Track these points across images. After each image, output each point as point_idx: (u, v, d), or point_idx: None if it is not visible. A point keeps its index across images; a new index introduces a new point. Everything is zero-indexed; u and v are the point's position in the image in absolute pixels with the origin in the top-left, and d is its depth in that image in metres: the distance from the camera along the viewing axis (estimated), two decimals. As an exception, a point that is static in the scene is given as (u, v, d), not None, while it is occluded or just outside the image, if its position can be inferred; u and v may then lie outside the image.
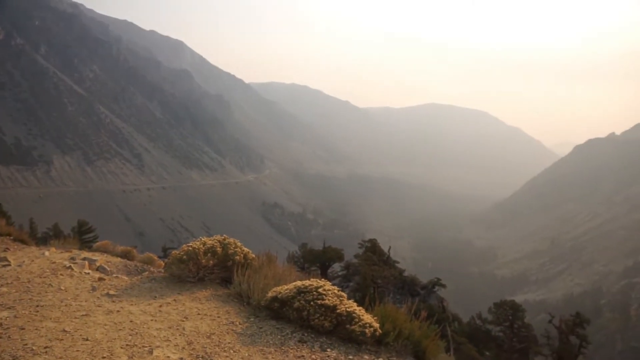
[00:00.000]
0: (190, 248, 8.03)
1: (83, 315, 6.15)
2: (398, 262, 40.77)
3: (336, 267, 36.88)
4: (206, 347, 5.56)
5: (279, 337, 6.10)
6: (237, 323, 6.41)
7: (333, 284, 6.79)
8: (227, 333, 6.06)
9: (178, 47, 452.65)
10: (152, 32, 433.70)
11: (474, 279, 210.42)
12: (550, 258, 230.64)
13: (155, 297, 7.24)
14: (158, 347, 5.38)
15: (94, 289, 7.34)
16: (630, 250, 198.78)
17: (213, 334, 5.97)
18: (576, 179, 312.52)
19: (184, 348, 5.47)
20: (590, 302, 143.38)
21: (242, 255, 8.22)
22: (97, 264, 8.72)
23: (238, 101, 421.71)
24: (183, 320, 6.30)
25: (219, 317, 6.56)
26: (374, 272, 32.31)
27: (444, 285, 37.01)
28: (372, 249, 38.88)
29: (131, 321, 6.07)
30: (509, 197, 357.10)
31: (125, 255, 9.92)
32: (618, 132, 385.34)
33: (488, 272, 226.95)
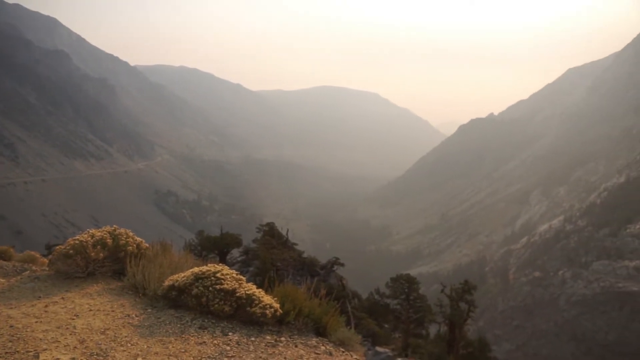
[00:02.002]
0: (77, 242, 7.54)
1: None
2: (297, 244, 41.26)
3: (235, 252, 36.50)
4: (101, 344, 5.29)
5: (178, 325, 5.97)
6: (134, 315, 6.18)
7: (232, 270, 6.76)
8: (124, 327, 5.82)
9: (51, 24, 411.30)
10: (17, 6, 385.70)
11: (371, 256, 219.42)
12: (440, 232, 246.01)
13: (40, 297, 6.71)
14: (45, 350, 5.02)
15: (-41, 296, 6.64)
16: (508, 220, 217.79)
17: (108, 329, 5.70)
18: (461, 157, 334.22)
19: (75, 348, 5.16)
20: (477, 270, 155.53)
21: (134, 245, 7.88)
22: (-37, 268, 7.90)
23: (124, 85, 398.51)
24: (73, 319, 5.93)
25: (113, 311, 6.27)
26: (273, 256, 32.46)
27: (342, 264, 37.99)
28: (270, 233, 38.98)
29: (11, 326, 5.57)
30: (401, 176, 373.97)
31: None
32: (496, 112, 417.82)
33: (384, 248, 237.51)
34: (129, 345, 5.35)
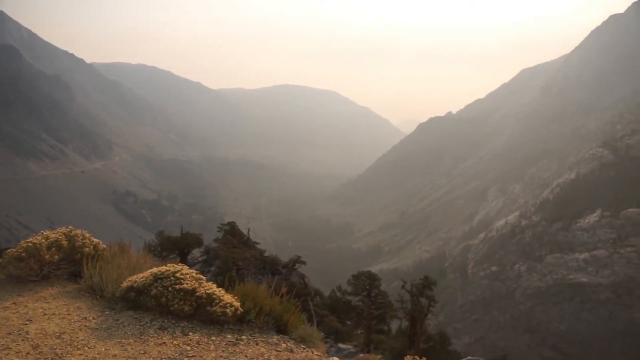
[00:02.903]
0: (29, 244, 7.32)
1: None
2: (258, 243, 41.15)
3: (196, 252, 36.08)
4: (56, 349, 5.18)
5: (137, 327, 5.89)
6: (91, 318, 6.06)
7: (193, 270, 6.71)
8: (80, 330, 5.71)
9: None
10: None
11: (333, 254, 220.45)
12: (400, 229, 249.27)
13: (-11, 302, 6.50)
14: (-5, 357, 4.89)
15: None
16: (466, 217, 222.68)
17: (63, 333, 5.58)
18: (421, 155, 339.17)
19: (28, 354, 5.03)
20: (436, 265, 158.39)
21: (91, 246, 7.72)
22: None
23: (79, 82, 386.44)
24: (26, 324, 5.77)
25: (69, 314, 6.13)
26: (234, 255, 32.27)
27: (304, 263, 38.08)
28: (232, 232, 38.72)
29: (-42, 334, 5.37)
30: (362, 174, 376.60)
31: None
32: (454, 111, 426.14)
33: (346, 246, 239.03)
34: (86, 348, 5.25)
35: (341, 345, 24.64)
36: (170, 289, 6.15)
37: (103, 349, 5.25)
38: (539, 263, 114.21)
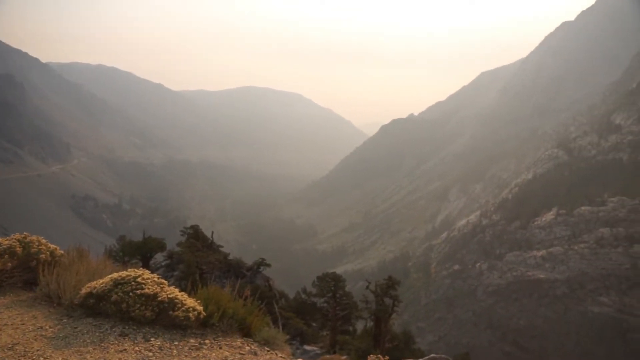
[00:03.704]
0: (-19, 251, 7.05)
1: None
2: (222, 246, 40.70)
3: (159, 257, 35.44)
4: (9, 360, 5.00)
5: (97, 334, 5.75)
6: (47, 327, 5.87)
7: (155, 274, 6.60)
8: (35, 340, 5.52)
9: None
10: None
11: (298, 255, 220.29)
12: (364, 230, 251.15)
13: None
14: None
15: None
16: (429, 217, 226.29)
17: (17, 344, 5.38)
18: (383, 156, 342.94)
19: (-23, 368, 4.85)
20: (400, 265, 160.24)
21: (48, 253, 7.48)
22: None
23: (35, 83, 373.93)
24: (-25, 336, 5.54)
25: (23, 324, 5.91)
26: (198, 259, 31.85)
27: (269, 265, 37.92)
28: (195, 235, 38.20)
29: None
30: (325, 175, 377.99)
31: None
32: (416, 113, 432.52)
33: (310, 248, 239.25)
34: (42, 359, 5.09)
35: (307, 347, 24.68)
36: (131, 294, 6.03)
37: (60, 359, 5.11)
38: (499, 261, 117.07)
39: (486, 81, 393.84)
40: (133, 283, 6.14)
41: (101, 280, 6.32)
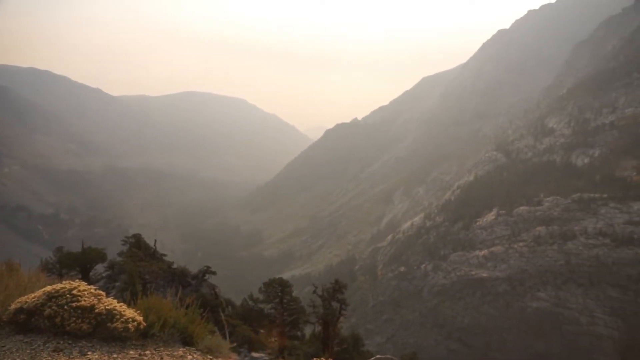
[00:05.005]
0: None
1: None
2: (166, 255, 39.76)
3: (100, 268, 34.17)
4: None
5: (28, 351, 5.44)
6: (-28, 347, 5.50)
7: (97, 286, 6.35)
8: (-41, 361, 5.16)
9: None
10: None
11: (244, 262, 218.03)
12: (311, 234, 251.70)
13: None
14: None
15: None
16: (374, 220, 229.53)
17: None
18: (328, 160, 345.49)
19: None
20: (347, 269, 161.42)
21: (-27, 267, 7.06)
22: None
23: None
24: None
25: (-54, 345, 5.51)
26: (141, 269, 30.94)
27: (214, 273, 37.32)
28: (137, 245, 37.14)
29: None
30: (270, 180, 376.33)
31: None
32: (360, 117, 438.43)
33: (257, 254, 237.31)
34: (-34, 380, 4.77)
35: (254, 354, 24.42)
36: (66, 307, 5.76)
37: (-13, 379, 4.80)
38: (444, 261, 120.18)
39: (428, 86, 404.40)
40: (68, 296, 5.87)
41: (33, 295, 6.00)
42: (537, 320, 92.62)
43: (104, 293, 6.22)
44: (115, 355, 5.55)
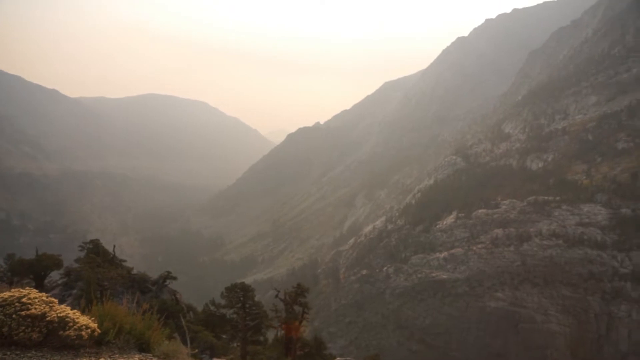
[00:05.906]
0: None
1: None
2: (125, 261, 38.81)
3: (55, 275, 33.11)
4: None
5: (-30, 364, 5.24)
6: None
7: (52, 294, 6.13)
8: None
9: None
10: None
11: (206, 267, 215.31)
12: (273, 238, 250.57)
13: None
14: None
15: None
16: (336, 223, 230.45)
17: None
18: (291, 164, 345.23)
19: None
20: (310, 272, 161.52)
21: None
22: None
23: None
24: None
25: None
26: (98, 275, 30.11)
27: (175, 278, 36.65)
28: (95, 250, 36.13)
29: None
30: (232, 184, 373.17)
31: None
32: (322, 121, 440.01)
33: (218, 258, 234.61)
34: None
35: (216, 360, 24.08)
36: (14, 316, 5.53)
37: None
38: (405, 264, 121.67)
39: (389, 91, 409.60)
40: (17, 304, 5.65)
41: (-22, 303, 5.75)
42: (495, 319, 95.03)
43: (56, 300, 6.01)
44: (67, 364, 5.38)
